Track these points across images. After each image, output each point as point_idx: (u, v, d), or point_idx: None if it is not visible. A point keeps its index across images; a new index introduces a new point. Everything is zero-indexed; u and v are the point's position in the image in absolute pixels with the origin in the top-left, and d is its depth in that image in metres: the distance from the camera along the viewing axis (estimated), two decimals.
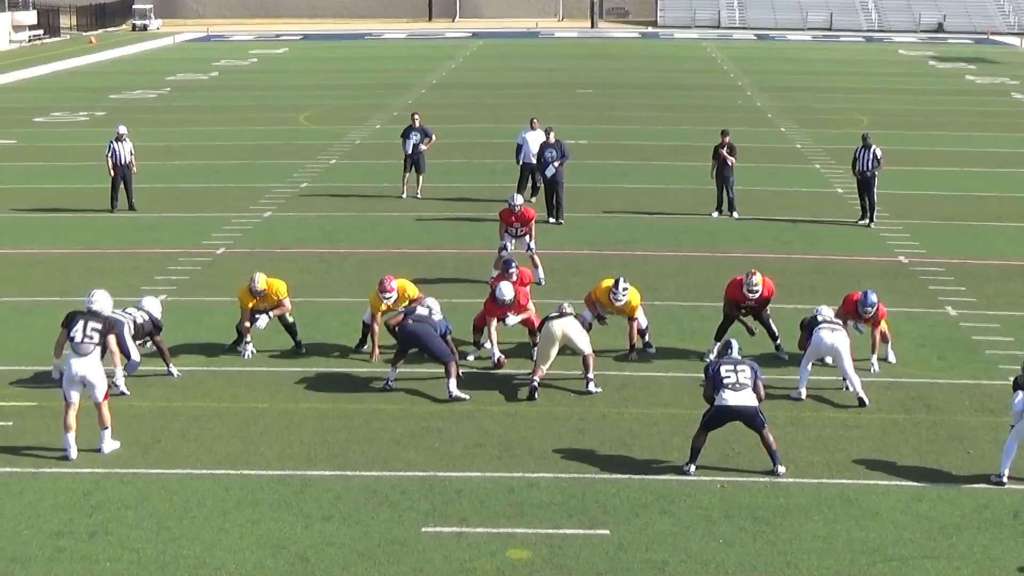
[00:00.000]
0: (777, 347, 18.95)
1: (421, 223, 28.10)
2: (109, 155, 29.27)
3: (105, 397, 15.31)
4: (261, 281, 18.61)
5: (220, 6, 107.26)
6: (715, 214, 28.76)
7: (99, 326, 15.35)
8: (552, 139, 28.73)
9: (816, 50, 77.89)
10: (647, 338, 19.22)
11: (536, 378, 17.36)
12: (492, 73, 62.87)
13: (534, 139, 29.55)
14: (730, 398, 14.63)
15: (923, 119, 45.71)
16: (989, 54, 74.54)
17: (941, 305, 21.84)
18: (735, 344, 15.44)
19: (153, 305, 17.98)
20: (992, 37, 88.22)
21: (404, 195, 30.55)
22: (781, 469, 14.76)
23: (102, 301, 15.89)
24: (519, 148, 29.91)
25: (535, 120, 30.46)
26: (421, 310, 17.93)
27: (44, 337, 19.81)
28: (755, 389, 14.77)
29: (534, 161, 29.36)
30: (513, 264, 19.78)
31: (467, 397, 17.19)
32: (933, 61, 70.34)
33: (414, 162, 30.79)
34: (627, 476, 14.72)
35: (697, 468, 14.78)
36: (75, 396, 15.25)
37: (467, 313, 19.34)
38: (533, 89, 54.93)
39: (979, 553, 12.93)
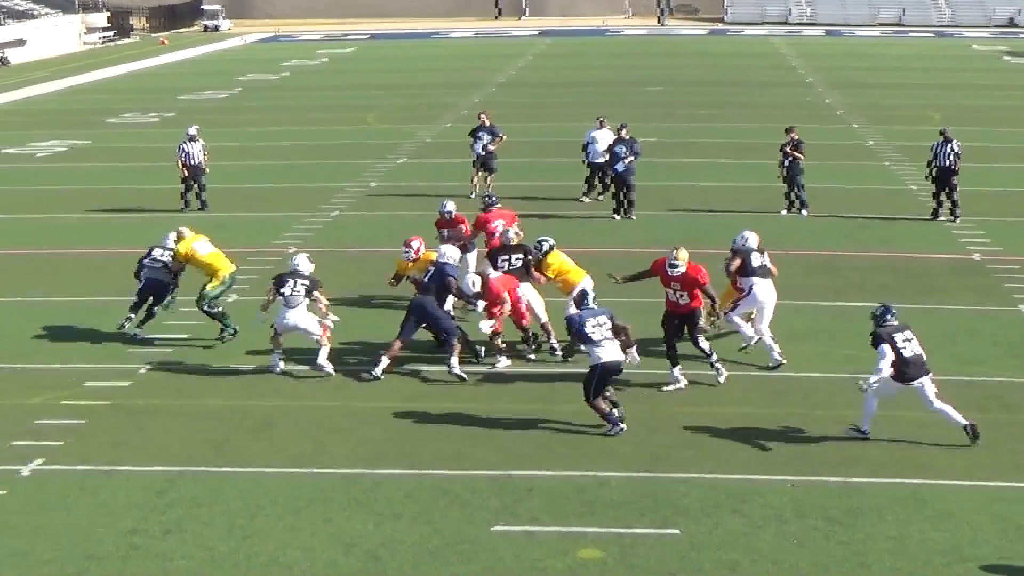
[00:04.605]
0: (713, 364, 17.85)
1: None
2: (180, 155, 29.56)
3: (323, 331, 17.92)
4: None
5: (289, 6, 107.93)
6: (785, 212, 28.57)
7: (306, 282, 17.99)
8: (625, 135, 28.60)
9: (887, 46, 77.19)
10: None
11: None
12: (560, 71, 62.82)
13: (602, 138, 29.47)
14: (603, 355, 15.69)
15: (996, 115, 45.17)
16: None
17: (1015, 303, 21.57)
18: (590, 294, 16.44)
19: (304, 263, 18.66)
20: None
21: (474, 195, 30.52)
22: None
23: (303, 263, 18.36)
24: (587, 147, 29.84)
25: (602, 119, 30.35)
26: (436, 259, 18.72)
27: (118, 337, 20.05)
28: (617, 336, 15.84)
29: (601, 160, 29.29)
30: (494, 197, 22.75)
31: (467, 379, 17.65)
32: (1006, 56, 69.49)
33: (484, 162, 30.76)
34: (697, 475, 14.65)
35: (765, 467, 14.71)
36: (282, 332, 18.05)
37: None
38: (601, 87, 54.82)
39: None
